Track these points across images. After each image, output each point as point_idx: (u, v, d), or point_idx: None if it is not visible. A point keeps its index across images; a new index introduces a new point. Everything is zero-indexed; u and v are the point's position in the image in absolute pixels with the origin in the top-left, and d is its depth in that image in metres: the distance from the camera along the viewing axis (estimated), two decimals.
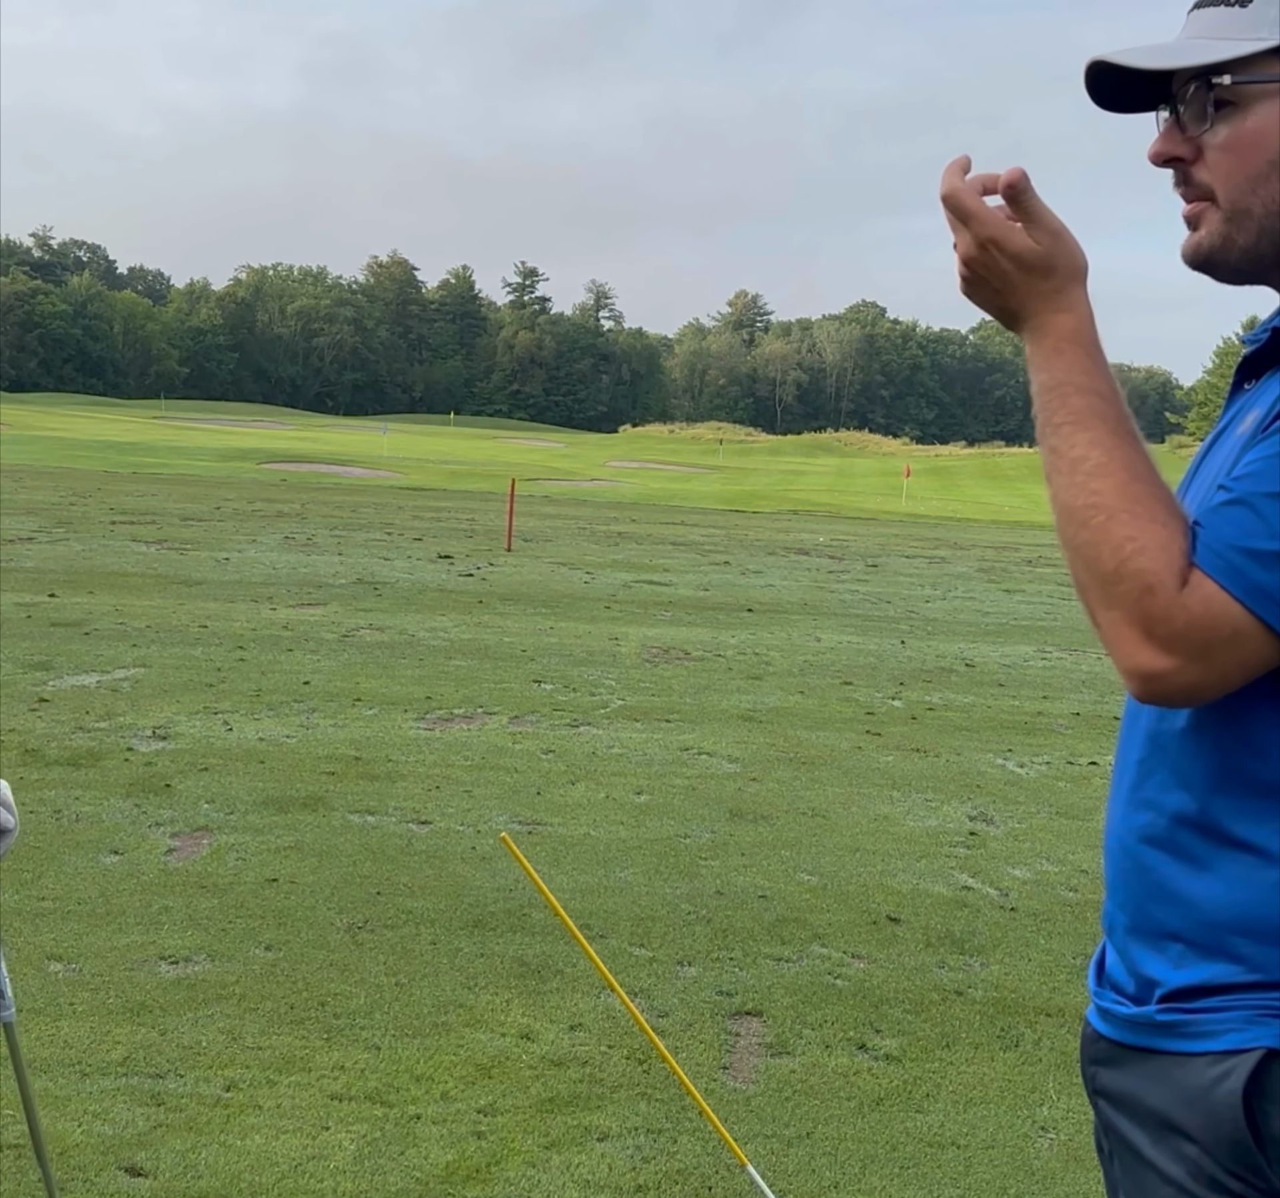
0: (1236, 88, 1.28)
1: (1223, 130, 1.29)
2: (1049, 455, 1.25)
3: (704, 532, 23.79)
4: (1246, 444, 1.25)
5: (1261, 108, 1.27)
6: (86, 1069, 3.42)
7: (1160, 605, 1.16)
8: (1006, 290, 1.29)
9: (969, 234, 1.28)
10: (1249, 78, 1.27)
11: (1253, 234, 1.30)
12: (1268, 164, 1.27)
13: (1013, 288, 1.28)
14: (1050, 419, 1.25)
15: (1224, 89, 1.28)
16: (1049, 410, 1.25)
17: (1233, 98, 1.28)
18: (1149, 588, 1.16)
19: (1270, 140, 1.27)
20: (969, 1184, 3.20)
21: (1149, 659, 1.17)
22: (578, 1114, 3.38)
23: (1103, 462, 1.20)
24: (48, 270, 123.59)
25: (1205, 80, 1.29)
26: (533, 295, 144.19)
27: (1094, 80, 1.37)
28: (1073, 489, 1.21)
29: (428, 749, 6.89)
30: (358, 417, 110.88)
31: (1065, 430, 1.23)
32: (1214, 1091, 1.23)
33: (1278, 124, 1.26)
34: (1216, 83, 1.28)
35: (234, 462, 37.22)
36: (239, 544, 16.06)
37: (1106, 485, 1.20)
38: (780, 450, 78.81)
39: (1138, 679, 1.19)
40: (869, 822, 6.16)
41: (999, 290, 1.29)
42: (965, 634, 12.96)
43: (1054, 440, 1.24)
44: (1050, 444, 1.25)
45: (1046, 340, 1.27)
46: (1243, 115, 1.28)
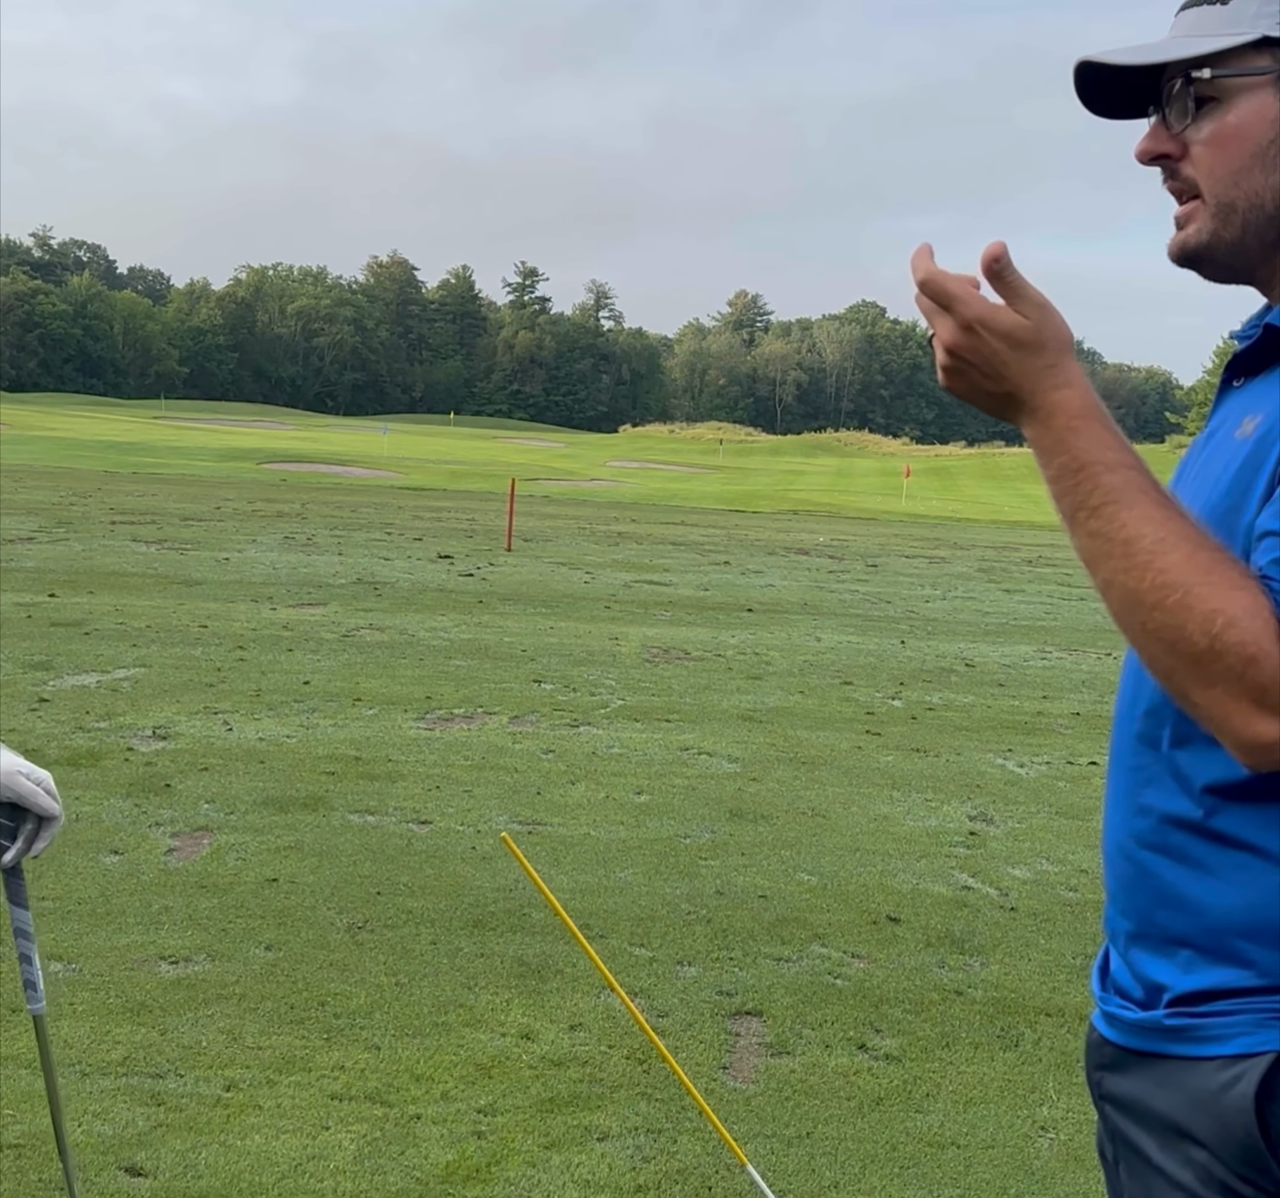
0: (1217, 82, 1.28)
1: (1206, 126, 1.30)
2: (1091, 541, 1.15)
3: (704, 532, 23.79)
4: (1252, 456, 1.22)
5: (1242, 101, 1.27)
6: (86, 1069, 3.42)
7: (1268, 674, 1.09)
8: (998, 374, 1.19)
9: (951, 319, 1.18)
10: (1227, 71, 1.27)
11: (1238, 228, 1.30)
12: (1249, 157, 1.27)
13: (1005, 370, 1.19)
14: (1085, 502, 1.16)
15: (1205, 84, 1.28)
16: (1081, 493, 1.16)
17: (1214, 93, 1.29)
18: (1252, 659, 1.09)
19: (1251, 133, 1.27)
20: (969, 1184, 3.20)
21: (1266, 729, 1.10)
22: (578, 1114, 3.38)
23: (1160, 537, 1.12)
24: (48, 270, 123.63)
25: (1187, 76, 1.29)
26: (533, 295, 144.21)
27: (1084, 85, 1.37)
28: (1134, 571, 1.12)
29: (428, 749, 6.89)
30: (358, 417, 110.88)
31: (1108, 511, 1.14)
32: (1224, 1095, 1.22)
33: (1258, 117, 1.27)
34: (1196, 77, 1.28)
35: (234, 462, 37.21)
36: (239, 544, 16.06)
37: (1172, 561, 1.11)
38: (780, 450, 78.80)
39: (1257, 752, 1.12)
40: (869, 822, 6.16)
41: (989, 375, 1.19)
42: (965, 634, 12.96)
43: (1095, 524, 1.15)
44: (1091, 529, 1.15)
45: (1057, 420, 1.17)
46: (1224, 110, 1.28)
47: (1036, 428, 1.19)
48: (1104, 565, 1.15)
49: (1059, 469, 1.17)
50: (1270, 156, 1.27)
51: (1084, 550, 1.17)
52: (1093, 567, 1.17)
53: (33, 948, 2.14)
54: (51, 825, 1.96)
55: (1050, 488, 1.19)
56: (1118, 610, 1.15)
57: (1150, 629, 1.13)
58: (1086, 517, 1.16)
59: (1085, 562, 1.18)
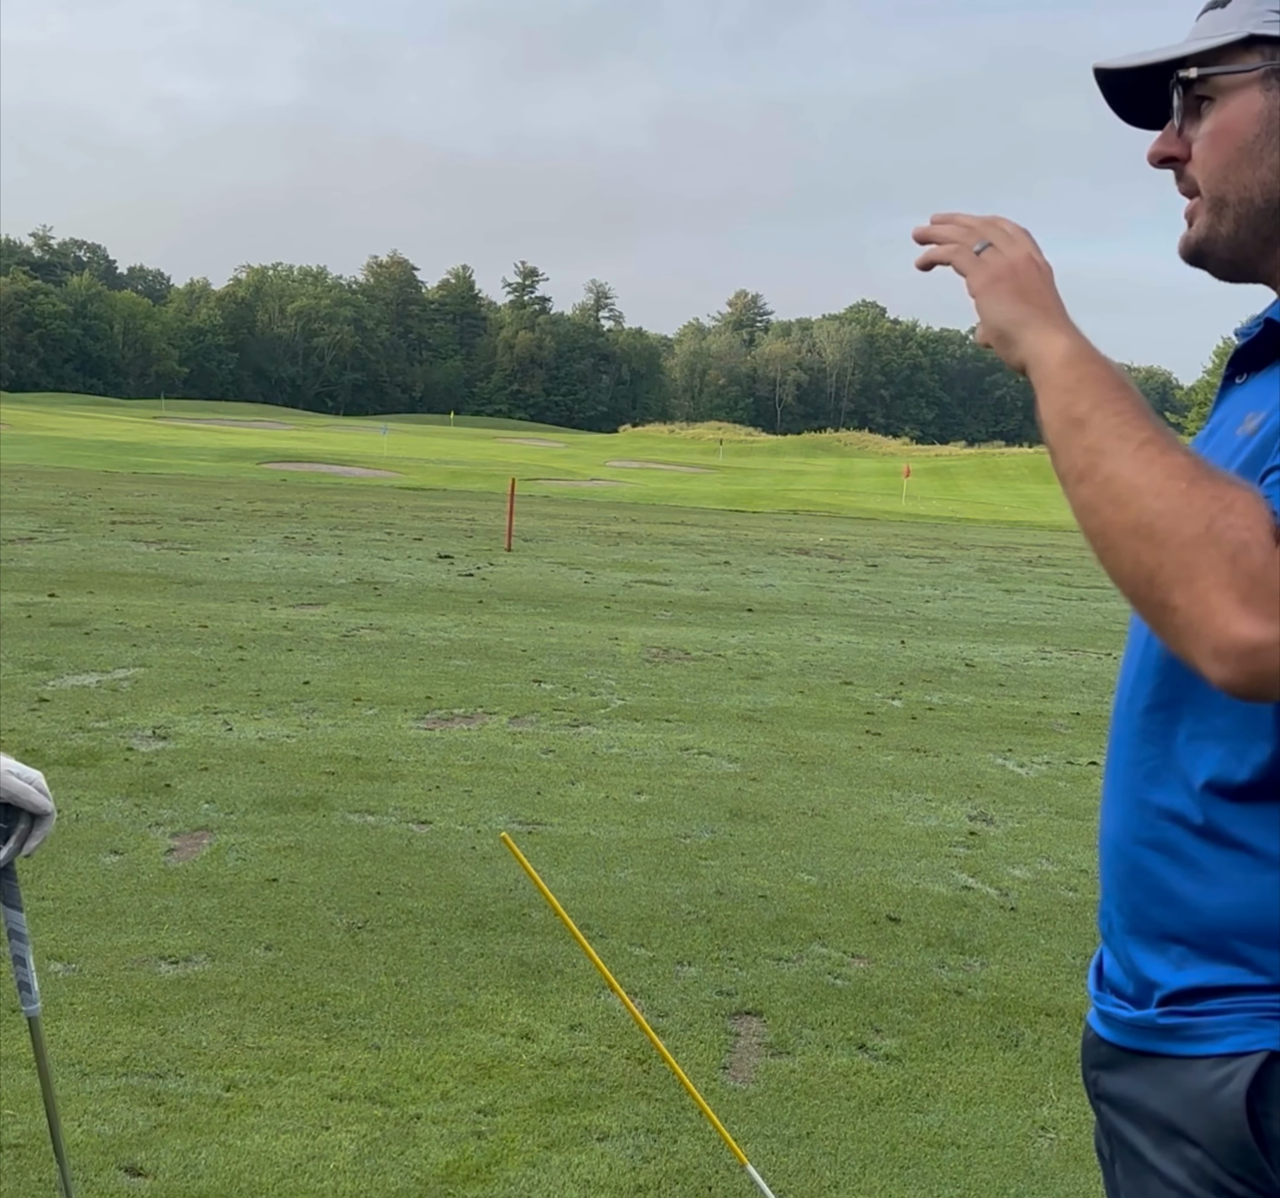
0: (1213, 82, 1.30)
1: (1205, 125, 1.32)
2: (1104, 437, 1.14)
3: (704, 532, 23.79)
4: (1255, 454, 1.21)
5: (1234, 99, 1.30)
6: (86, 1069, 3.42)
7: (1258, 562, 1.03)
8: (1050, 297, 1.27)
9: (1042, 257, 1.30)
10: (1213, 70, 1.30)
11: (1231, 222, 1.31)
12: (1237, 151, 1.29)
13: (1055, 300, 1.27)
14: (1106, 397, 1.17)
15: (1200, 84, 1.31)
16: (1107, 398, 1.17)
17: (1211, 92, 1.31)
18: (1244, 545, 1.04)
19: (1238, 128, 1.29)
20: (969, 1184, 3.20)
21: (1248, 629, 1.02)
22: (578, 1114, 3.38)
23: (1174, 442, 1.14)
24: (48, 270, 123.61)
25: (1182, 77, 1.32)
26: (533, 295, 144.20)
27: (1112, 94, 1.40)
28: (1142, 462, 1.11)
29: (428, 749, 6.89)
30: (358, 417, 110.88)
31: (1129, 415, 1.15)
32: (1216, 1094, 1.23)
33: (1244, 112, 1.29)
34: (1183, 77, 1.31)
35: (234, 462, 37.22)
36: (239, 544, 16.06)
37: (1182, 459, 1.11)
38: (780, 450, 78.80)
39: (1234, 658, 1.04)
40: (869, 822, 6.16)
41: (1043, 293, 1.27)
42: (965, 634, 12.96)
43: (1114, 422, 1.15)
44: (1106, 426, 1.15)
45: (1081, 337, 1.23)
46: (1220, 108, 1.31)
47: (1065, 335, 1.23)
48: (1111, 459, 1.13)
49: (1085, 375, 1.19)
50: (1256, 151, 1.28)
51: (1093, 445, 1.15)
52: (1099, 459, 1.14)
53: (27, 950, 2.14)
54: (44, 823, 1.96)
55: (1068, 379, 1.20)
56: (1114, 507, 1.12)
57: (1146, 520, 1.09)
58: (1106, 416, 1.15)
59: (1096, 454, 1.15)
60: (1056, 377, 1.20)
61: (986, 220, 1.32)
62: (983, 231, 1.31)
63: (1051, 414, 1.20)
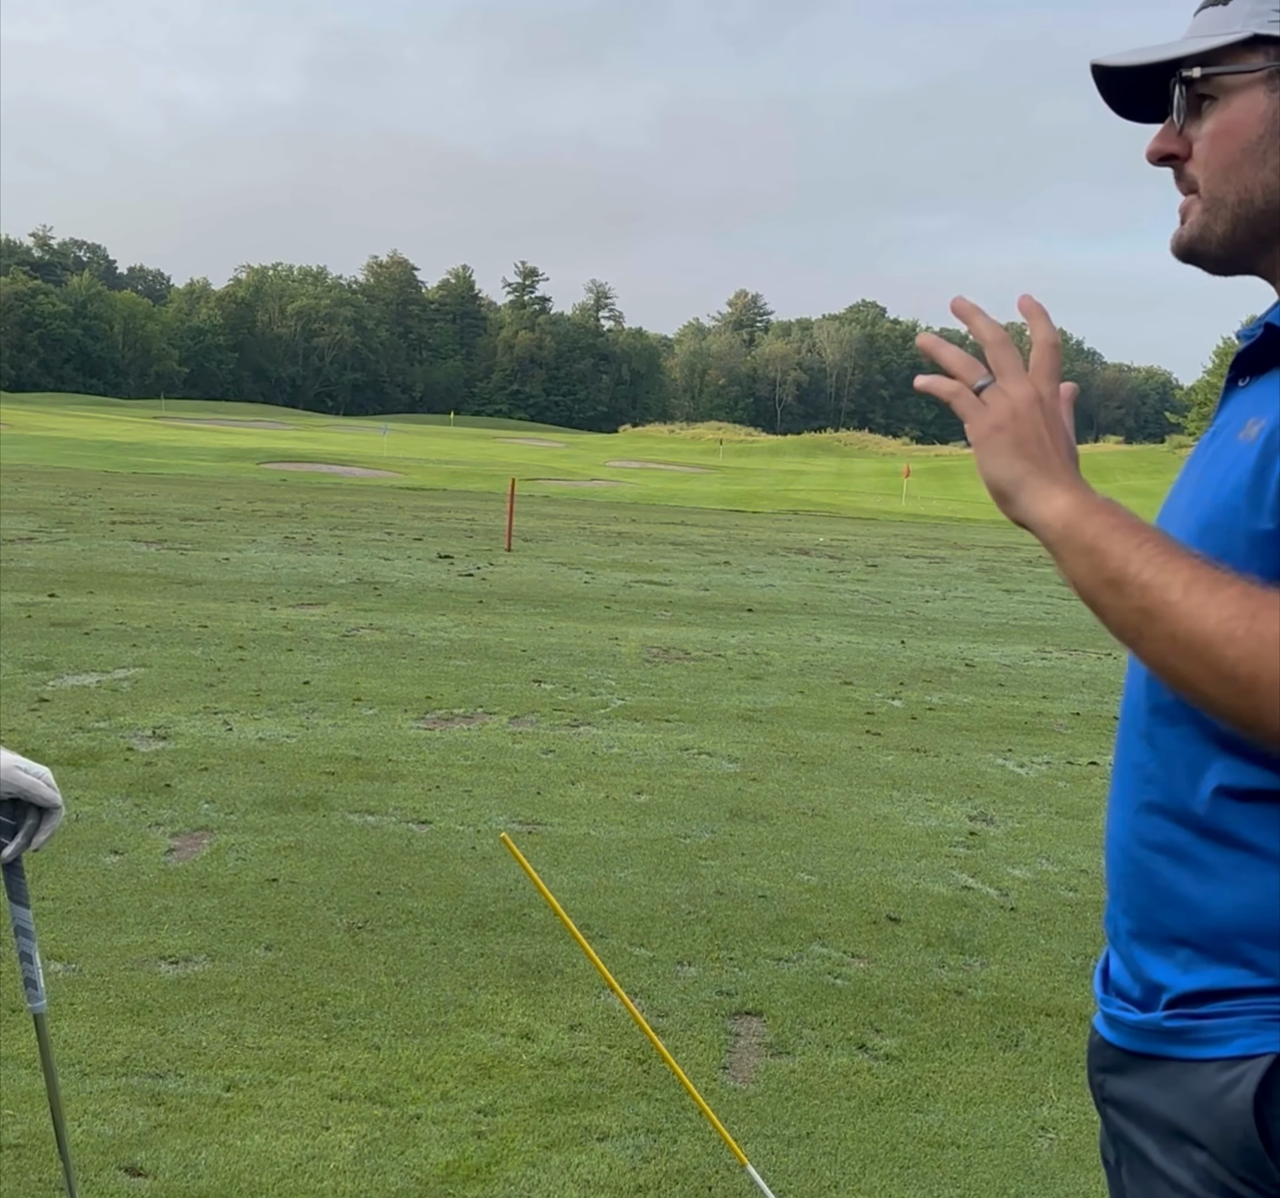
0: (1215, 81, 1.30)
1: (1206, 124, 1.32)
2: (1145, 593, 1.13)
3: (704, 532, 23.79)
4: (1258, 461, 1.21)
5: (1237, 98, 1.29)
6: (86, 1069, 3.41)
7: None
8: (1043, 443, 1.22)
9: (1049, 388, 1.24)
10: (1218, 70, 1.29)
11: (1228, 222, 1.31)
12: (1239, 152, 1.29)
13: (1059, 444, 1.23)
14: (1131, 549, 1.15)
15: (1201, 83, 1.30)
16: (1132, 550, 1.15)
17: (1213, 92, 1.30)
18: None
19: (1241, 129, 1.28)
20: (969, 1184, 3.20)
21: None
22: (578, 1114, 3.38)
23: (1211, 571, 1.12)
24: (48, 270, 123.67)
25: (1185, 76, 1.31)
26: (533, 295, 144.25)
27: (1109, 89, 1.39)
28: (1196, 611, 1.10)
29: (428, 749, 6.89)
30: (358, 417, 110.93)
31: (1159, 560, 1.13)
32: (1224, 1097, 1.22)
33: (1248, 113, 1.28)
34: (1187, 76, 1.30)
35: (234, 462, 37.22)
36: (239, 544, 16.06)
37: (1231, 591, 1.10)
38: (780, 450, 78.80)
39: None
40: (869, 822, 6.16)
41: (1044, 440, 1.22)
42: (965, 634, 12.96)
43: (1150, 573, 1.13)
44: (1143, 581, 1.13)
45: (1093, 493, 1.20)
46: (1222, 108, 1.30)
47: (1075, 497, 1.19)
48: (1165, 616, 1.12)
49: (1104, 527, 1.17)
50: (1260, 152, 1.28)
51: (1138, 604, 1.14)
52: (1150, 619, 1.13)
53: (33, 946, 2.14)
54: (52, 818, 1.97)
55: (1085, 558, 1.17)
56: (1184, 659, 1.11)
57: (1225, 670, 1.09)
58: (1138, 570, 1.14)
59: (1146, 614, 1.13)
60: (1070, 540, 1.18)
61: (999, 341, 1.25)
62: (994, 358, 1.26)
63: (1078, 578, 1.18)
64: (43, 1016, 2.22)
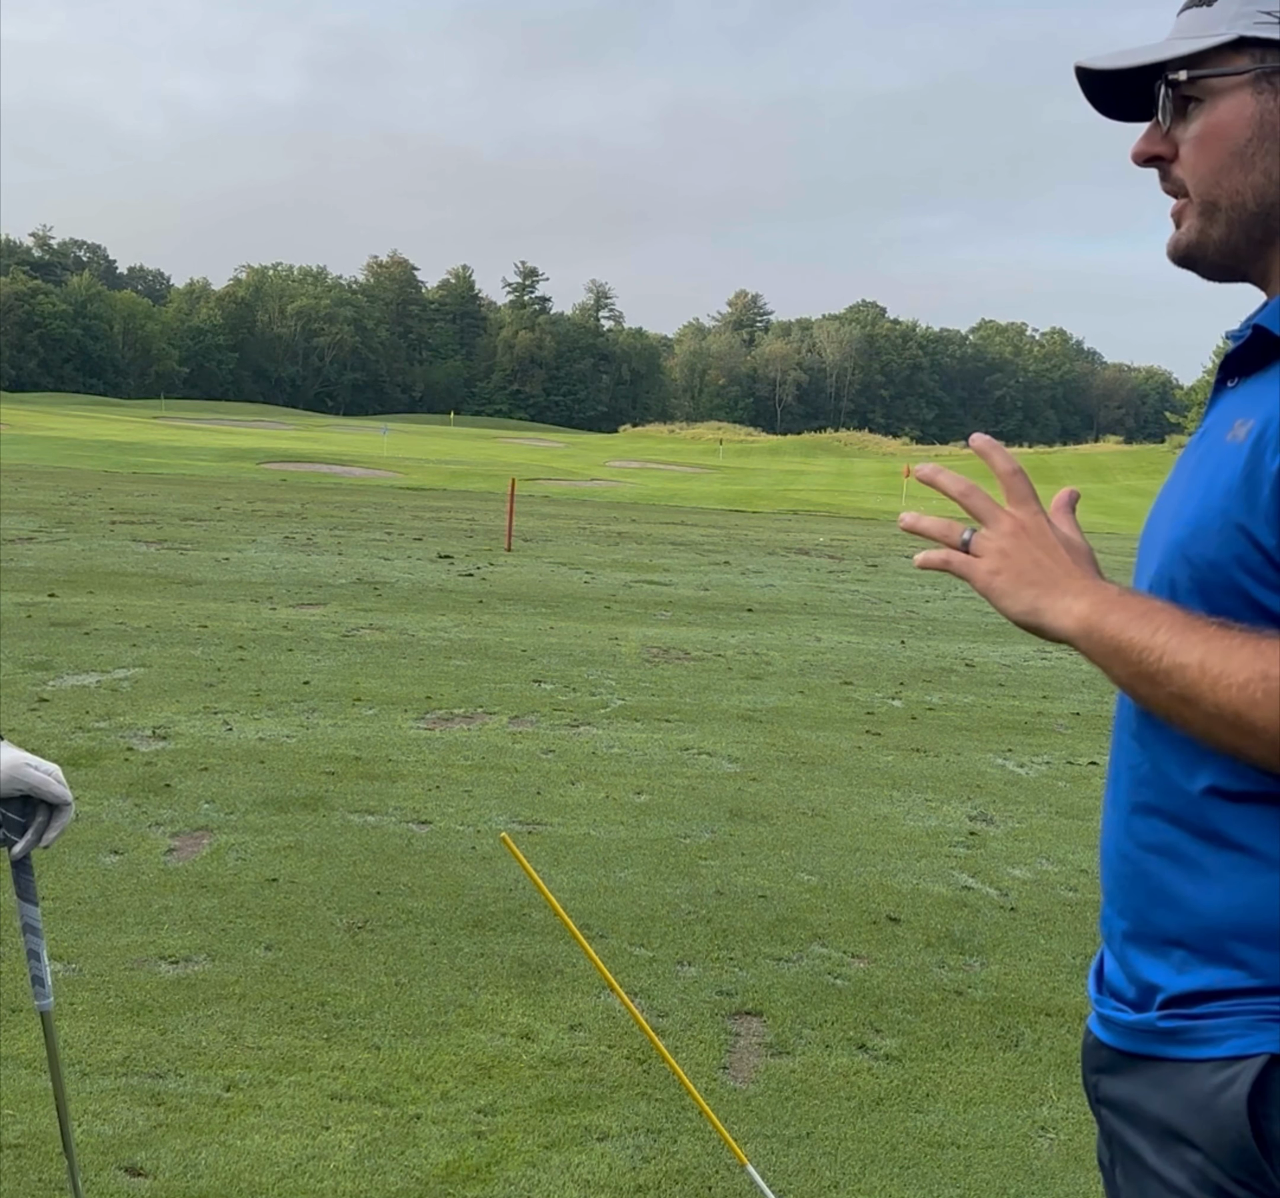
0: (1201, 83, 1.30)
1: (1193, 126, 1.31)
2: (1172, 678, 1.17)
3: (704, 532, 23.79)
4: (1246, 463, 1.21)
5: (1224, 101, 1.29)
6: (86, 1069, 3.41)
7: None
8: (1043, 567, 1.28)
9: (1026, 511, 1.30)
10: (1204, 72, 1.29)
11: (1223, 226, 1.31)
12: (1229, 155, 1.29)
13: (1055, 558, 1.28)
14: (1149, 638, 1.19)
15: (1188, 85, 1.30)
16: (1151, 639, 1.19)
17: (1199, 94, 1.30)
18: None
19: (1229, 132, 1.28)
20: (969, 1184, 3.20)
21: None
22: (578, 1114, 3.38)
23: (1225, 635, 1.16)
24: (48, 270, 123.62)
25: (1171, 79, 1.31)
26: (533, 295, 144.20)
27: (1094, 89, 1.39)
28: (1222, 682, 1.14)
29: (428, 749, 6.89)
30: (358, 417, 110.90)
31: (1175, 641, 1.17)
32: (1218, 1097, 1.22)
33: (1236, 116, 1.28)
34: (1173, 79, 1.30)
35: (234, 462, 37.22)
36: (239, 544, 16.06)
37: (1246, 653, 1.14)
38: (780, 450, 78.78)
39: None
40: (869, 822, 6.16)
41: (1040, 562, 1.28)
42: (965, 634, 12.96)
43: (1172, 658, 1.17)
44: (1170, 666, 1.17)
45: (1105, 591, 1.24)
46: (1209, 110, 1.30)
47: (1084, 604, 1.24)
48: (1198, 697, 1.16)
49: (1116, 628, 1.21)
50: (1248, 155, 1.28)
51: (1172, 691, 1.18)
52: (1186, 705, 1.17)
53: (41, 944, 2.14)
54: (63, 814, 1.99)
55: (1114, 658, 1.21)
56: (1229, 730, 1.15)
57: (1264, 733, 1.13)
58: (1163, 657, 1.18)
59: (1182, 701, 1.17)
60: (1096, 646, 1.23)
61: (966, 492, 1.32)
62: (967, 509, 1.32)
63: (1114, 678, 1.24)
64: (49, 1014, 2.23)
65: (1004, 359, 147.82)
